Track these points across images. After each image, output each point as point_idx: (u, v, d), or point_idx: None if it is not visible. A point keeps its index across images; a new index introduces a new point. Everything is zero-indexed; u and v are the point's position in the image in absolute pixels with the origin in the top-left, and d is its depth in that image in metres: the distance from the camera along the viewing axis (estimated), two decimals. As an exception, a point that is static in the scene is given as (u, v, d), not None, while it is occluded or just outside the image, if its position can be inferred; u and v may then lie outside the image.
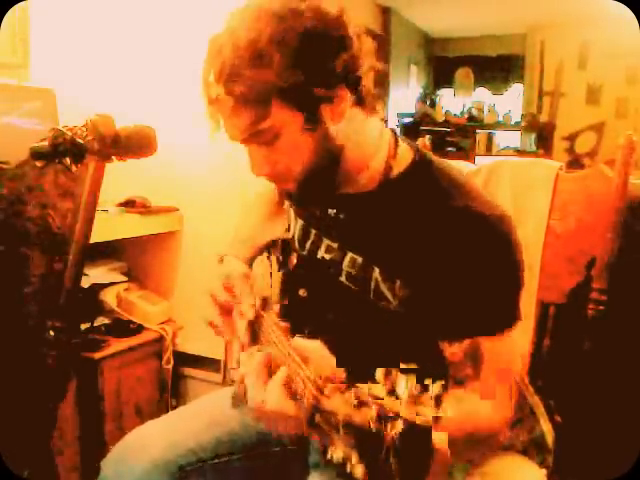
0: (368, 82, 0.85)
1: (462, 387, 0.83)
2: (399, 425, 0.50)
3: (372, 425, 0.52)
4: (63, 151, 0.87)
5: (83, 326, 1.86)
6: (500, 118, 5.78)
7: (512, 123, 5.73)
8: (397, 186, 0.89)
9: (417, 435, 0.50)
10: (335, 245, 0.95)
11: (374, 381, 0.56)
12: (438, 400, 0.52)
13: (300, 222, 1.03)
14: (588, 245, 1.23)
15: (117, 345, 1.84)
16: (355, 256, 0.92)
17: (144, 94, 2.03)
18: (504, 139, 5.93)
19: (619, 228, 1.19)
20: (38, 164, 0.93)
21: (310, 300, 0.99)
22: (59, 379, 0.97)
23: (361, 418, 0.53)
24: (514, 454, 1.15)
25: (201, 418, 1.05)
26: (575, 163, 4.94)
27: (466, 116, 5.83)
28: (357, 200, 0.91)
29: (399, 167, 0.90)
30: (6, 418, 1.16)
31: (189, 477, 0.96)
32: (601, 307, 1.20)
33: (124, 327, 1.93)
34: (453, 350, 0.84)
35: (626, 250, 1.21)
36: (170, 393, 2.04)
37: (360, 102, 0.85)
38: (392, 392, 0.54)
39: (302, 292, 0.99)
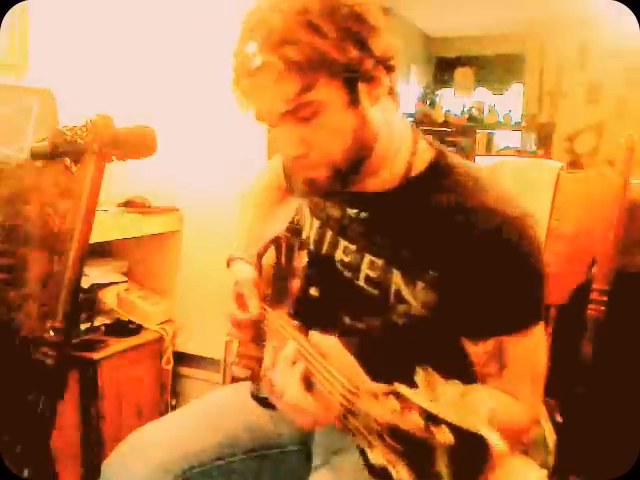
0: (397, 76, 0.85)
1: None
2: (446, 431, 0.49)
3: (419, 432, 0.50)
4: (63, 151, 0.87)
5: (83, 326, 1.86)
6: (500, 118, 5.76)
7: (512, 123, 5.71)
8: (417, 186, 0.88)
9: (468, 438, 0.49)
10: (353, 247, 0.94)
11: (405, 382, 0.55)
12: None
13: (317, 222, 1.01)
14: (589, 245, 1.23)
15: (117, 345, 1.85)
16: (374, 258, 0.91)
17: (144, 94, 2.03)
18: (504, 139, 5.92)
19: (619, 228, 1.19)
20: (38, 164, 0.93)
21: (322, 300, 0.97)
22: (59, 379, 0.97)
23: (406, 424, 0.51)
24: (514, 454, 1.15)
25: (203, 421, 1.04)
26: (575, 163, 4.94)
27: (466, 116, 5.81)
28: (377, 199, 0.90)
29: (419, 166, 0.89)
30: (6, 418, 1.16)
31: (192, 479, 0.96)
32: (602, 307, 1.20)
33: (124, 327, 1.93)
34: (477, 350, 0.84)
35: (626, 250, 1.21)
36: (170, 393, 2.04)
37: (392, 92, 0.85)
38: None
39: (314, 291, 0.97)
